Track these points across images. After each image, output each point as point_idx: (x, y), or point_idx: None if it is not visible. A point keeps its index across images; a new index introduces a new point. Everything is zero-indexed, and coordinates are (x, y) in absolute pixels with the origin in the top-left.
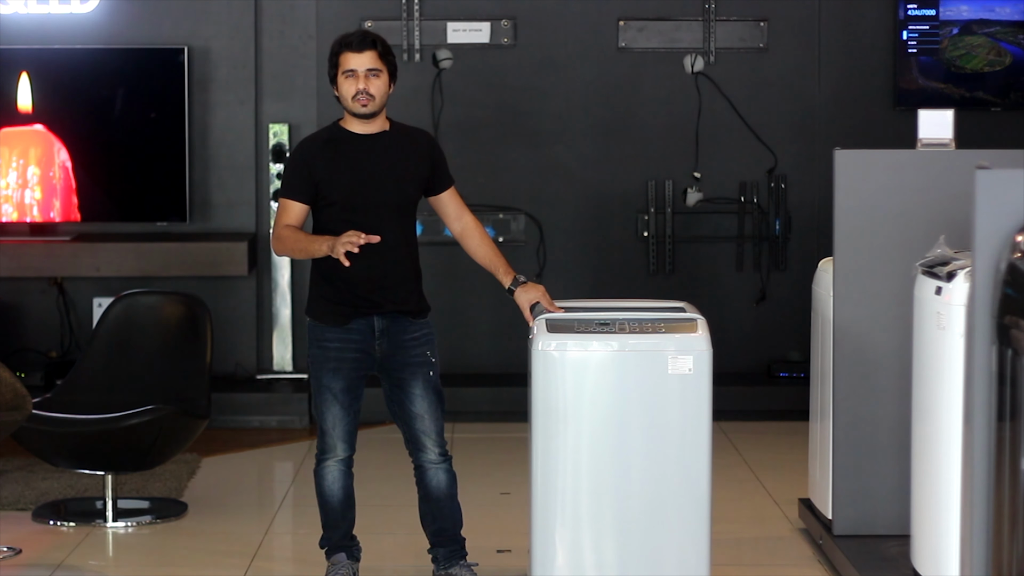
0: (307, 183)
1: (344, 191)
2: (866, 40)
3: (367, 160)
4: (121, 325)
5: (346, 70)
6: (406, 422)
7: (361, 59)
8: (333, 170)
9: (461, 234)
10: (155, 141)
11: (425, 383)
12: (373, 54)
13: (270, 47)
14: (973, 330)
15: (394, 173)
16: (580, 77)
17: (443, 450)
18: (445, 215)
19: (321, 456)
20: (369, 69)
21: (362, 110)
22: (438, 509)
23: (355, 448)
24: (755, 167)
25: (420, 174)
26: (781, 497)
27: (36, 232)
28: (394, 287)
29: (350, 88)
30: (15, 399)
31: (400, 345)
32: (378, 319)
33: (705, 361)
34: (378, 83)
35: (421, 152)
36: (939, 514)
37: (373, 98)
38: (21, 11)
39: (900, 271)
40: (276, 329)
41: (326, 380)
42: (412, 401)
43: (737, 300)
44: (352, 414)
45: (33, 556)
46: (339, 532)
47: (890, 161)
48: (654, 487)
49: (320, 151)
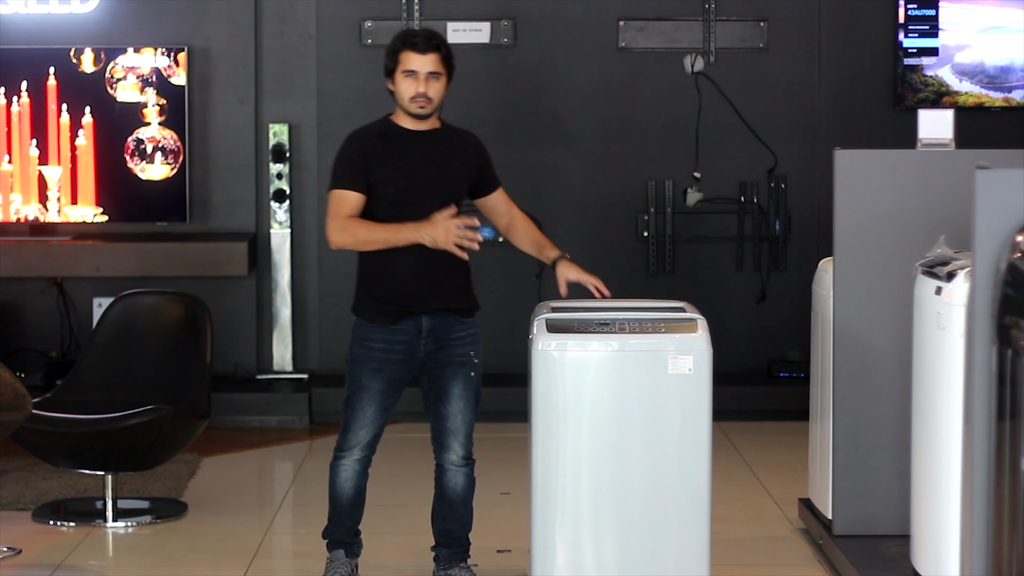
0: (363, 173)
1: (395, 186)
2: (866, 40)
3: (419, 156)
4: (121, 325)
5: (407, 70)
6: (437, 419)
7: (424, 61)
8: (385, 164)
9: (508, 227)
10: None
11: (465, 384)
12: (436, 57)
13: (270, 47)
14: (973, 330)
15: (444, 171)
16: (580, 77)
17: (467, 453)
18: (495, 213)
19: (339, 452)
20: (431, 72)
21: (419, 111)
22: (450, 511)
23: (375, 450)
24: (755, 167)
25: (468, 174)
26: (781, 497)
27: (36, 232)
28: (443, 284)
29: (409, 88)
30: (15, 399)
31: (445, 343)
32: (426, 318)
33: (705, 361)
34: (437, 86)
35: (470, 153)
36: (939, 514)
37: (431, 101)
38: (21, 11)
39: (900, 271)
40: (276, 329)
41: (365, 379)
42: (448, 400)
43: (737, 300)
44: (383, 418)
45: (33, 556)
46: (343, 528)
47: (890, 161)
48: (654, 487)
49: (373, 144)
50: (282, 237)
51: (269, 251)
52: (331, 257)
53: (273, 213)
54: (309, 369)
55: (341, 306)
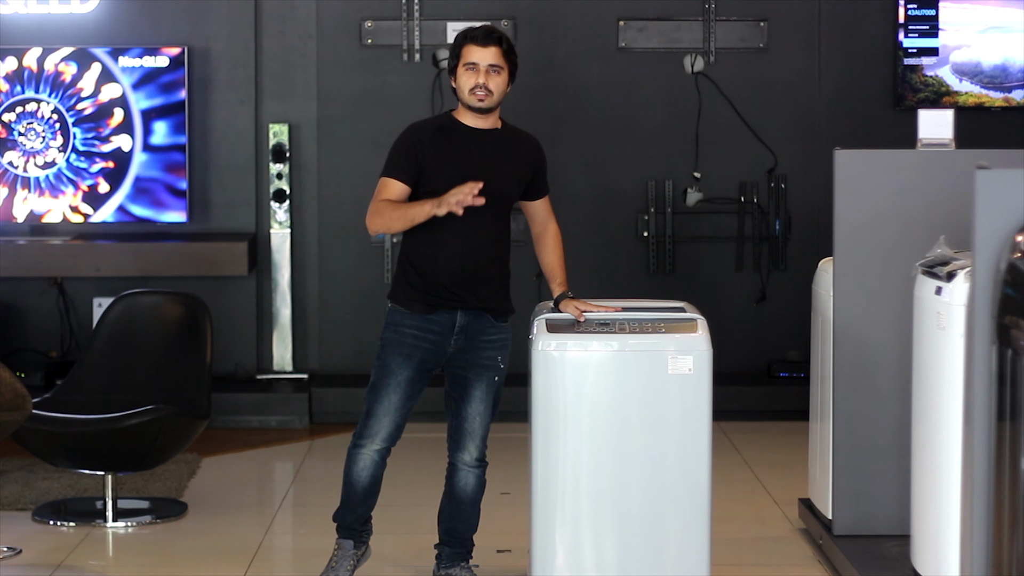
0: (413, 165)
1: (448, 181)
2: (866, 40)
3: (475, 154)
4: (121, 325)
5: (468, 63)
6: (456, 418)
7: (485, 54)
8: (440, 158)
9: (539, 236)
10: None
11: (488, 387)
12: (497, 50)
13: (270, 47)
14: (973, 330)
15: (499, 171)
16: (580, 77)
17: (482, 455)
18: (533, 219)
19: (359, 440)
20: (491, 65)
21: (478, 104)
22: (457, 510)
23: (396, 441)
24: (755, 167)
25: (523, 176)
26: (781, 497)
27: (36, 232)
28: (482, 283)
29: (469, 81)
30: (15, 399)
31: (475, 344)
32: (461, 314)
33: (705, 361)
34: (498, 80)
35: (528, 155)
36: (939, 514)
37: (491, 93)
38: (21, 11)
39: (900, 271)
40: (276, 329)
41: (394, 364)
42: (469, 401)
43: (737, 300)
44: (407, 408)
45: (33, 556)
46: (354, 515)
47: (890, 161)
48: (654, 487)
49: (430, 137)
50: (282, 237)
51: (269, 251)
52: (331, 257)
53: (273, 213)
54: (309, 369)
55: (341, 306)
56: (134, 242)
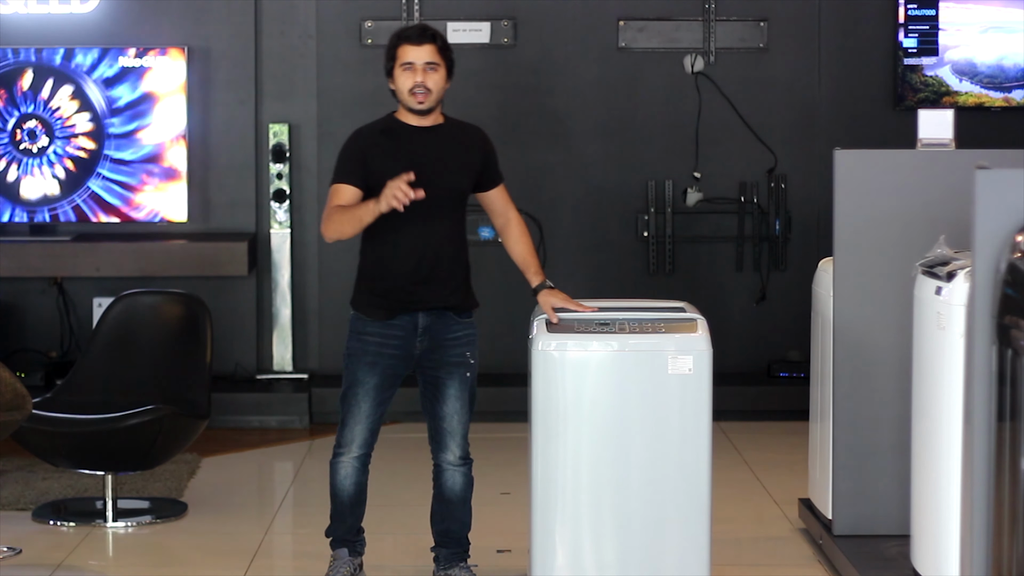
0: (361, 169)
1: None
2: (866, 40)
3: (421, 152)
4: (121, 325)
5: (404, 63)
6: (434, 419)
7: (420, 52)
8: (387, 160)
9: (503, 229)
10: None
11: (460, 384)
12: (432, 47)
13: (270, 47)
14: (973, 330)
15: (447, 166)
16: (580, 77)
17: (465, 453)
18: (492, 211)
19: (338, 449)
20: (428, 63)
21: (418, 106)
22: (449, 511)
23: (373, 446)
24: (755, 167)
25: (473, 168)
26: (781, 497)
27: (36, 232)
28: (441, 282)
29: (407, 81)
30: (15, 399)
31: (440, 344)
32: (423, 316)
33: (705, 361)
34: (436, 77)
35: (474, 147)
36: (939, 514)
37: (430, 92)
38: (21, 11)
39: (900, 271)
40: (276, 329)
41: (360, 374)
42: (444, 400)
43: (737, 300)
44: (379, 413)
45: (33, 556)
46: (345, 526)
47: (890, 161)
48: (654, 487)
49: (376, 141)
50: (282, 237)
51: (269, 251)
52: (331, 257)
53: (273, 213)
54: (309, 369)
55: (341, 306)
56: (134, 242)
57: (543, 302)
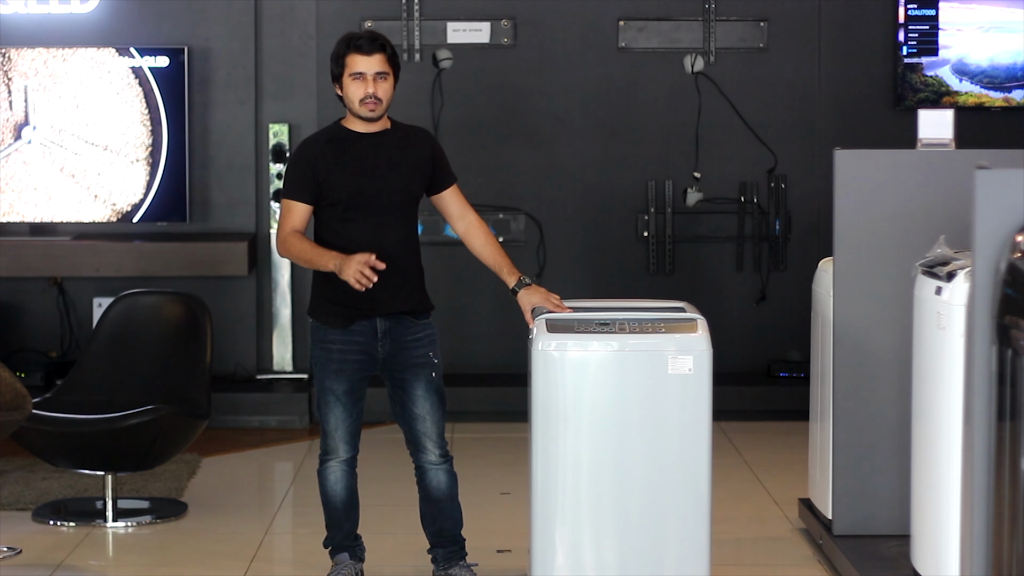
0: (310, 183)
1: (347, 190)
2: (866, 40)
3: (370, 159)
4: (121, 325)
5: (353, 72)
6: (407, 423)
7: (370, 62)
8: (336, 169)
9: (465, 233)
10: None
11: (427, 384)
12: (382, 57)
13: (270, 47)
14: (973, 330)
15: (397, 171)
16: (580, 77)
17: (444, 451)
18: (448, 214)
19: (324, 457)
20: (378, 72)
21: (370, 115)
22: (438, 510)
23: (358, 448)
24: (755, 167)
25: (422, 172)
26: (781, 497)
27: (36, 232)
28: (397, 288)
29: (358, 91)
30: (15, 399)
31: (402, 346)
32: (381, 321)
33: (705, 361)
34: (386, 86)
35: (423, 150)
36: (939, 514)
37: (381, 102)
38: (21, 11)
39: (900, 271)
40: (276, 329)
41: (328, 382)
42: (414, 402)
43: (737, 300)
44: (355, 415)
45: (33, 556)
46: (342, 532)
47: (890, 161)
48: (654, 487)
49: (322, 151)
50: None
51: (269, 251)
52: None
53: (273, 213)
54: (309, 369)
55: None
56: (134, 242)
57: (523, 304)
